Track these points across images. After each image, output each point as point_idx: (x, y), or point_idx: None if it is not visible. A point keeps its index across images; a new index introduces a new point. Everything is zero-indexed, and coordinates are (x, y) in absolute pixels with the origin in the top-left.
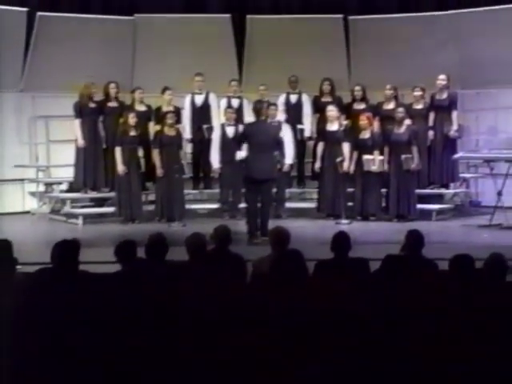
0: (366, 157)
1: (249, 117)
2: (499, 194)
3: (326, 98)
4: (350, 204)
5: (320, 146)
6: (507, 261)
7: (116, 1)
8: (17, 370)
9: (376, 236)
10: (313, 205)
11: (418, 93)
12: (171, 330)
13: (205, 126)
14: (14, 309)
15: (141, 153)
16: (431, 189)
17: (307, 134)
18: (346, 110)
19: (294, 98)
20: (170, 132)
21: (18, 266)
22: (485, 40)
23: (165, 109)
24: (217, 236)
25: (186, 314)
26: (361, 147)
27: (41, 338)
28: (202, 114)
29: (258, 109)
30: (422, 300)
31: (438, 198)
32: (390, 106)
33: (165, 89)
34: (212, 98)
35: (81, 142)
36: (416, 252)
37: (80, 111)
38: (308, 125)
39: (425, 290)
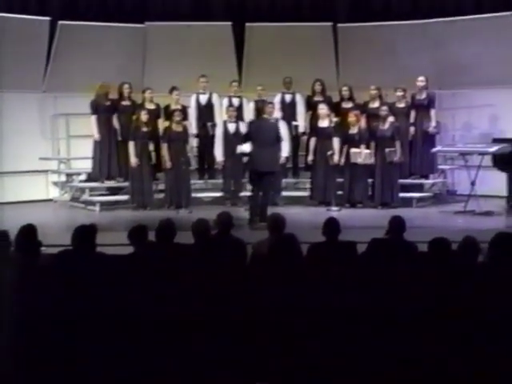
0: (353, 150)
1: (248, 114)
2: (473, 183)
3: (318, 98)
4: (339, 193)
5: (312, 141)
6: (479, 243)
7: (129, 10)
8: (38, 340)
9: (363, 221)
10: (306, 193)
11: (399, 93)
12: (178, 304)
13: (209, 123)
14: (39, 285)
15: (151, 147)
16: (412, 179)
17: (301, 129)
18: (336, 108)
19: (288, 98)
20: (177, 128)
21: (42, 248)
22: (460, 46)
23: (173, 107)
24: (220, 221)
25: (191, 291)
26: (349, 141)
27: (61, 310)
28: (206, 112)
29: (260, 108)
30: (404, 278)
31: (419, 187)
32: (375, 104)
33: (172, 89)
34: (215, 97)
35: (96, 136)
36: (399, 235)
37: (96, 108)
38: (301, 121)
39: (406, 270)
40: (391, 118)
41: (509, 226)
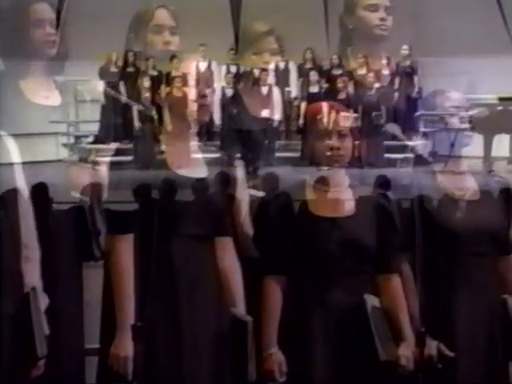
0: (342, 114)
1: (244, 82)
2: (452, 145)
3: (309, 65)
4: (328, 153)
5: (303, 105)
6: (458, 200)
7: None
8: None
9: (351, 180)
10: (297, 154)
11: (385, 61)
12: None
13: (207, 89)
14: (51, 238)
15: (153, 111)
16: (396, 141)
17: (293, 95)
18: (326, 74)
19: (282, 65)
20: (177, 93)
21: (54, 205)
22: (440, 17)
23: (173, 74)
24: (218, 180)
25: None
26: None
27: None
28: (205, 78)
29: (251, 74)
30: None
31: (402, 149)
32: (363, 71)
33: (173, 57)
34: (214, 64)
35: (102, 100)
36: (384, 193)
37: (102, 74)
38: (294, 87)
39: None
40: (377, 84)
41: (485, 184)
